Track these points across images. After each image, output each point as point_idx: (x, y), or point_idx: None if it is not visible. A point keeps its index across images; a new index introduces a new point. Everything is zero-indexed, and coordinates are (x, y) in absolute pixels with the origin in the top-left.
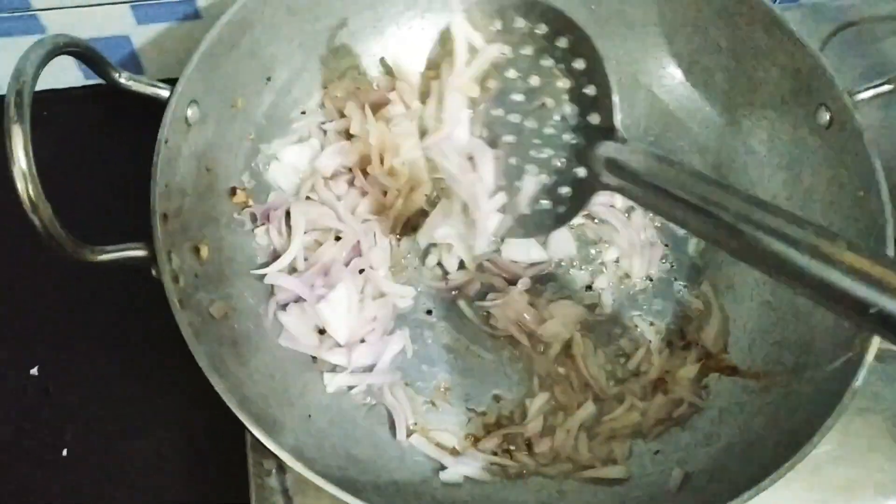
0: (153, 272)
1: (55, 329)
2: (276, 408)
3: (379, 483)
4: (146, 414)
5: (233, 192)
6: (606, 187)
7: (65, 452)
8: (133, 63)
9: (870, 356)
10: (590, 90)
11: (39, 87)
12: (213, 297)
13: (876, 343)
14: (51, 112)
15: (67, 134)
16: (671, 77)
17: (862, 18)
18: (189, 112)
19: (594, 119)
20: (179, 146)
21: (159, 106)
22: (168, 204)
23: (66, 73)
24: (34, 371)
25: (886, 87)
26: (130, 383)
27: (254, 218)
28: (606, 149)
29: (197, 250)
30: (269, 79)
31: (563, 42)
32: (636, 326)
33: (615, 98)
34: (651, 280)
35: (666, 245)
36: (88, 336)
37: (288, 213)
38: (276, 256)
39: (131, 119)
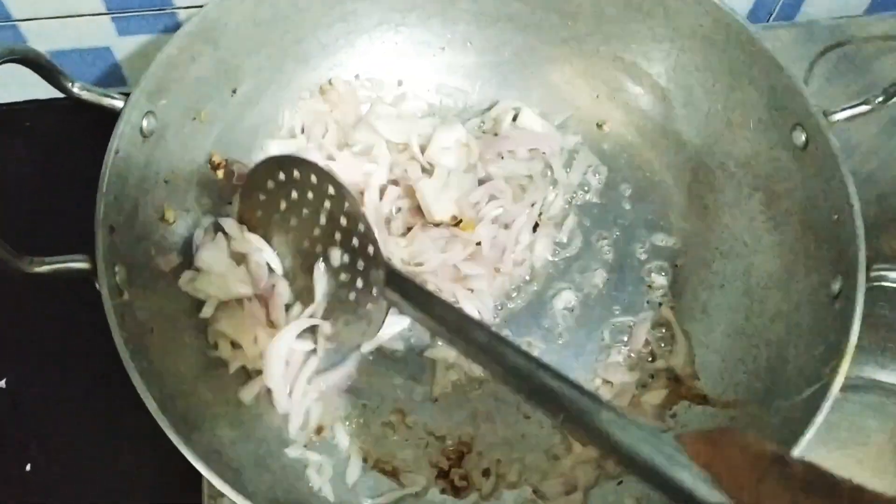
0: (96, 285)
1: (24, 341)
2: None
3: None
4: (113, 430)
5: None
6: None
7: (28, 467)
8: (116, 74)
9: (836, 387)
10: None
11: (24, 97)
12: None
13: (843, 374)
14: (35, 123)
15: (51, 145)
16: (648, 95)
17: (853, 38)
18: (144, 123)
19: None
20: (133, 157)
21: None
22: (117, 216)
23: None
24: (1, 383)
25: (863, 108)
26: (99, 398)
27: None
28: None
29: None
30: (234, 91)
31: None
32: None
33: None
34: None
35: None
36: (58, 349)
37: None
38: None
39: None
